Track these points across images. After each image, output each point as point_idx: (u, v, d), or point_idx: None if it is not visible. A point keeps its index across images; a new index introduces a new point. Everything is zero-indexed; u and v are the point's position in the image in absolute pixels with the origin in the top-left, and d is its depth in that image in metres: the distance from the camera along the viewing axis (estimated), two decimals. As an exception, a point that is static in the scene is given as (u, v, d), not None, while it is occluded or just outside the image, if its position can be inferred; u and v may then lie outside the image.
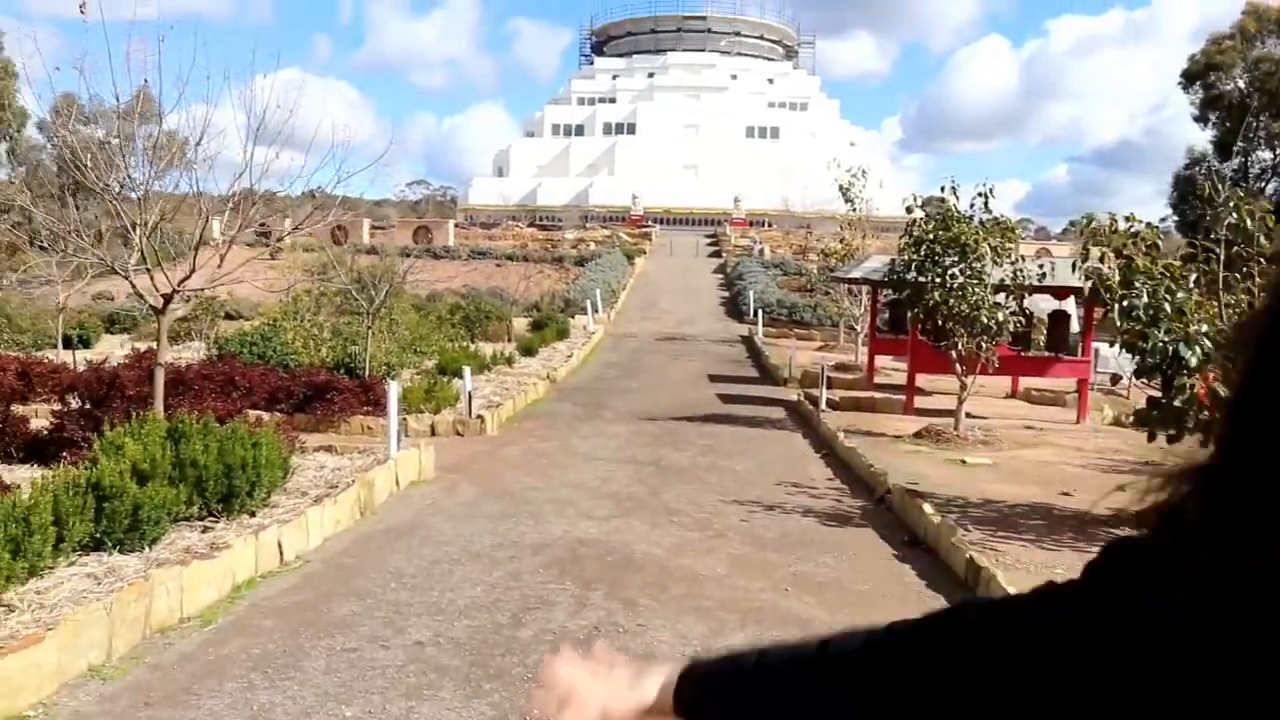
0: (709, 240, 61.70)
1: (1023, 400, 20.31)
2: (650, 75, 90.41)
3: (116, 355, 16.21)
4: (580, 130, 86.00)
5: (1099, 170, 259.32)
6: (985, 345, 14.37)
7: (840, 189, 26.34)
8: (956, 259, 14.18)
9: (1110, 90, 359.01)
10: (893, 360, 22.80)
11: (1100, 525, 9.45)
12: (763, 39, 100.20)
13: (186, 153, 10.89)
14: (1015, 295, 14.83)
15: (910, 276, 14.68)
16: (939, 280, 14.16)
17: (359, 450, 11.34)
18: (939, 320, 14.54)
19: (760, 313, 35.08)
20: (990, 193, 14.66)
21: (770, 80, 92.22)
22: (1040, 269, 14.71)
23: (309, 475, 9.88)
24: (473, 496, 10.36)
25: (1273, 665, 0.49)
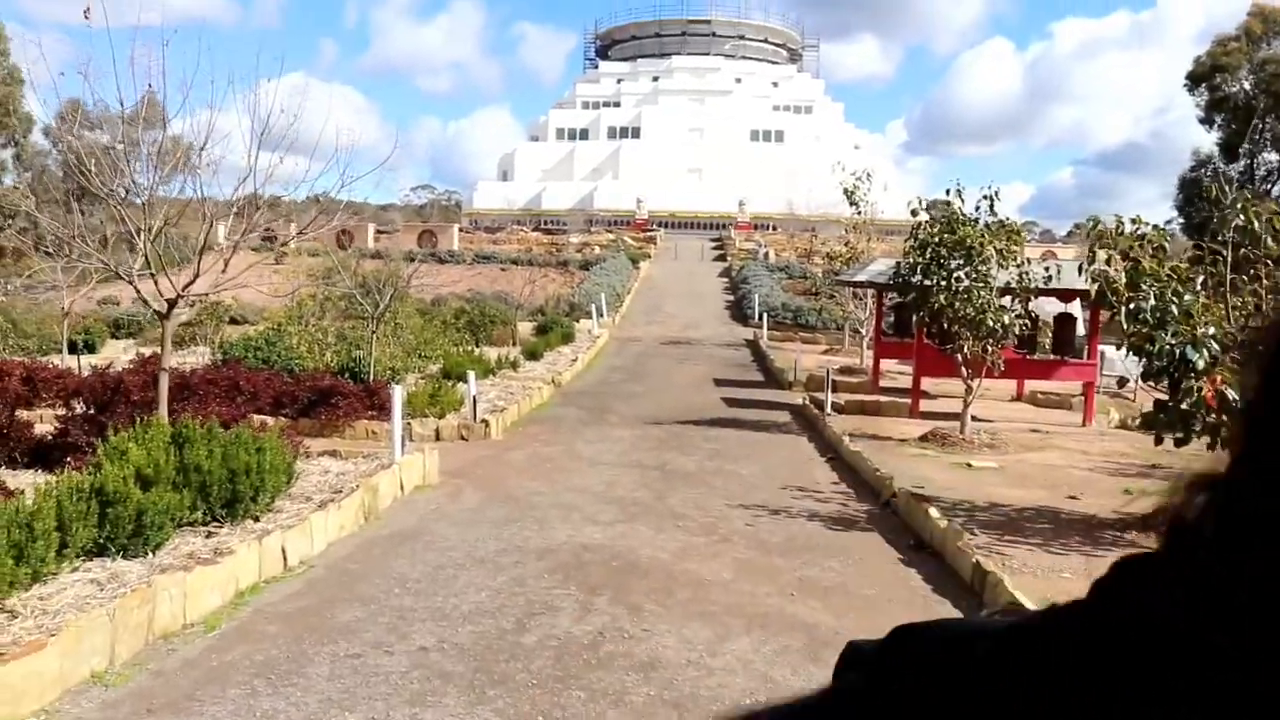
0: (714, 244, 61.66)
1: (1028, 403, 20.28)
2: (655, 79, 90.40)
3: (121, 360, 16.21)
4: (585, 134, 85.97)
5: (1104, 173, 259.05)
6: (991, 348, 14.35)
7: (845, 192, 26.28)
8: (962, 262, 14.16)
9: (1115, 93, 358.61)
10: (898, 364, 22.77)
11: (1107, 529, 9.42)
12: (767, 42, 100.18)
13: (191, 158, 10.90)
14: (1021, 298, 14.80)
15: (915, 279, 14.66)
16: (944, 283, 14.14)
17: (363, 455, 11.32)
18: (944, 323, 14.52)
19: (765, 316, 35.06)
20: (996, 195, 14.65)
21: (774, 84, 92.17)
22: (1046, 272, 14.67)
23: (313, 480, 9.86)
24: (477, 501, 10.34)
25: (1273, 665, 0.48)
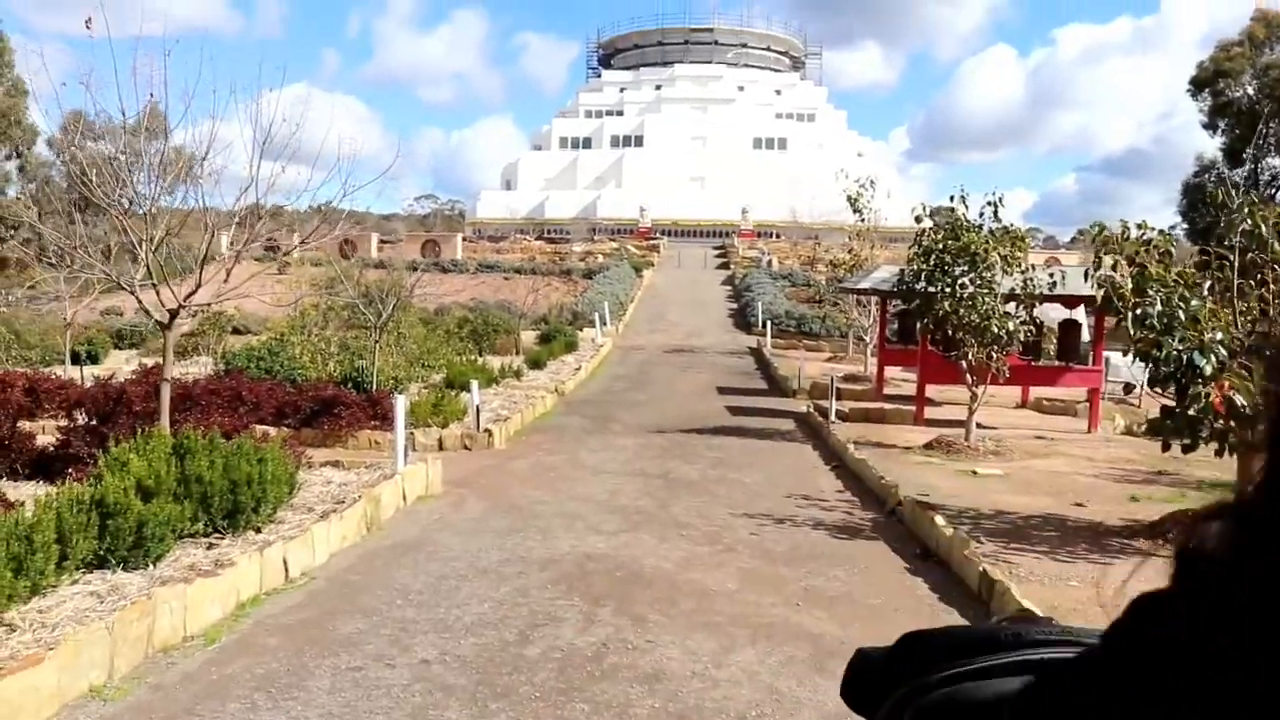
0: (717, 252, 61.70)
1: (1033, 410, 20.20)
2: (657, 87, 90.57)
3: (124, 371, 16.22)
4: (588, 143, 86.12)
5: (1107, 179, 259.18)
6: (995, 355, 14.29)
7: (848, 199, 26.26)
8: (966, 268, 14.11)
9: (1118, 98, 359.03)
10: (902, 371, 22.71)
11: (1114, 536, 9.35)
12: (769, 50, 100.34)
13: (194, 168, 10.88)
14: (1025, 304, 14.74)
15: (920, 286, 14.61)
16: (949, 290, 14.09)
17: (366, 465, 11.29)
18: (949, 330, 14.46)
19: (768, 324, 35.00)
20: (1000, 201, 14.61)
21: (777, 91, 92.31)
22: (1050, 278, 14.62)
23: (315, 491, 9.82)
24: (480, 511, 10.28)
25: (1273, 665, 0.47)
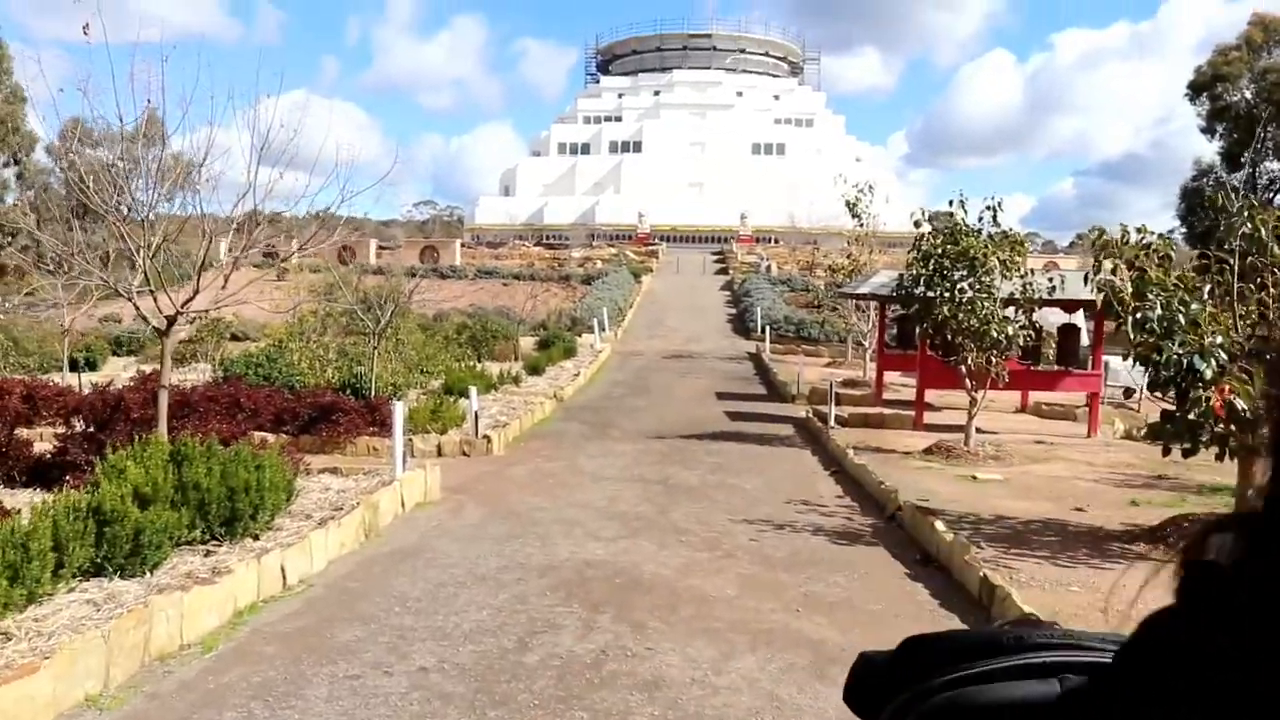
0: (715, 257, 61.67)
1: (1033, 415, 20.17)
2: (656, 93, 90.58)
3: (122, 378, 16.17)
4: (586, 149, 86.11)
5: (1105, 183, 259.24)
6: (995, 360, 14.26)
7: (847, 204, 26.24)
8: (965, 273, 14.09)
9: (1116, 103, 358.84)
10: (901, 376, 22.68)
11: (1114, 540, 9.33)
12: (768, 56, 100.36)
13: (191, 174, 10.86)
14: (1025, 309, 14.73)
15: (919, 291, 14.59)
16: (948, 295, 14.06)
17: (364, 471, 11.25)
18: (948, 335, 14.43)
19: (767, 329, 34.99)
20: (999, 206, 14.59)
21: (776, 97, 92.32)
22: (1050, 282, 14.60)
23: (313, 497, 9.78)
24: (479, 518, 10.25)
25: (1273, 665, 0.47)
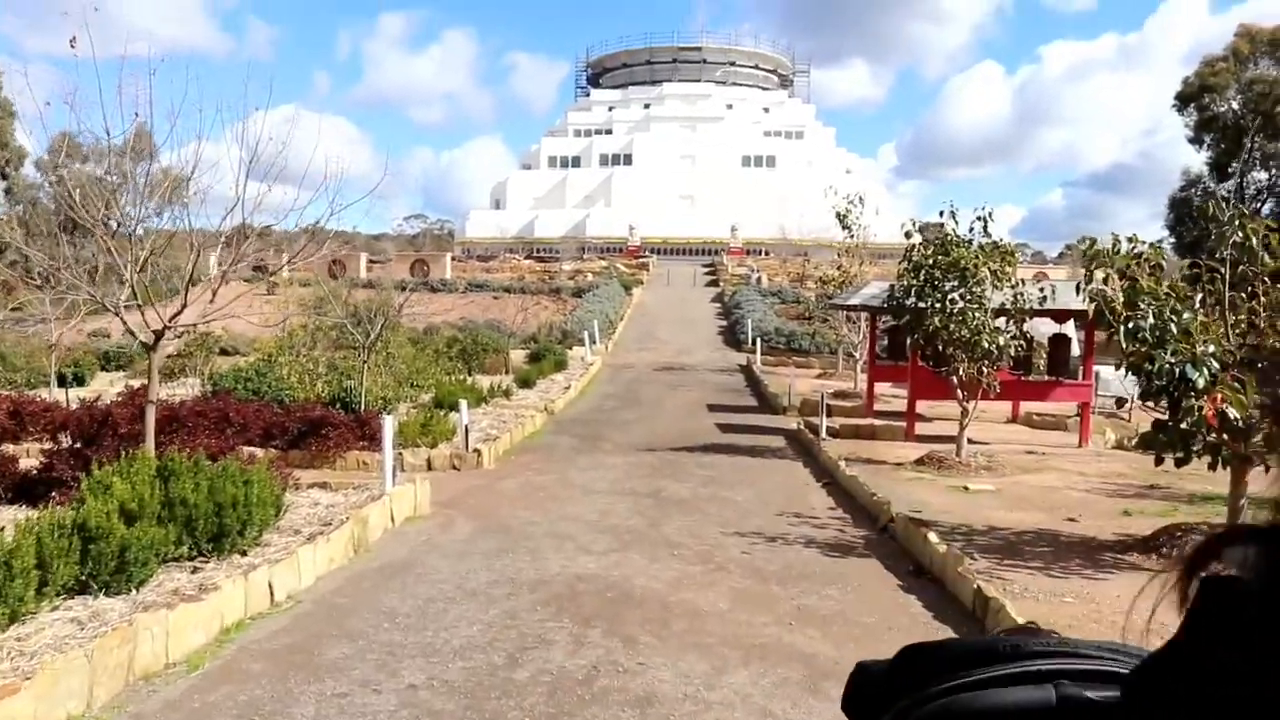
0: (706, 270, 61.72)
1: (1024, 425, 20.17)
2: (646, 106, 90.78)
3: (110, 393, 16.06)
4: (577, 162, 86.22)
5: (1093, 194, 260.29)
6: (986, 370, 14.26)
7: (837, 216, 26.30)
8: (956, 284, 14.09)
9: (1104, 114, 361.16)
10: (892, 387, 22.68)
11: (1107, 550, 9.29)
12: (758, 69, 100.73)
13: (180, 188, 10.79)
14: (1015, 319, 14.73)
15: (910, 302, 14.59)
16: (939, 305, 14.06)
17: (354, 486, 11.18)
18: (939, 345, 14.43)
19: (758, 341, 34.98)
20: (989, 216, 14.60)
21: (766, 109, 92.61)
22: (1041, 292, 14.61)
23: (302, 513, 9.71)
24: (469, 532, 10.18)
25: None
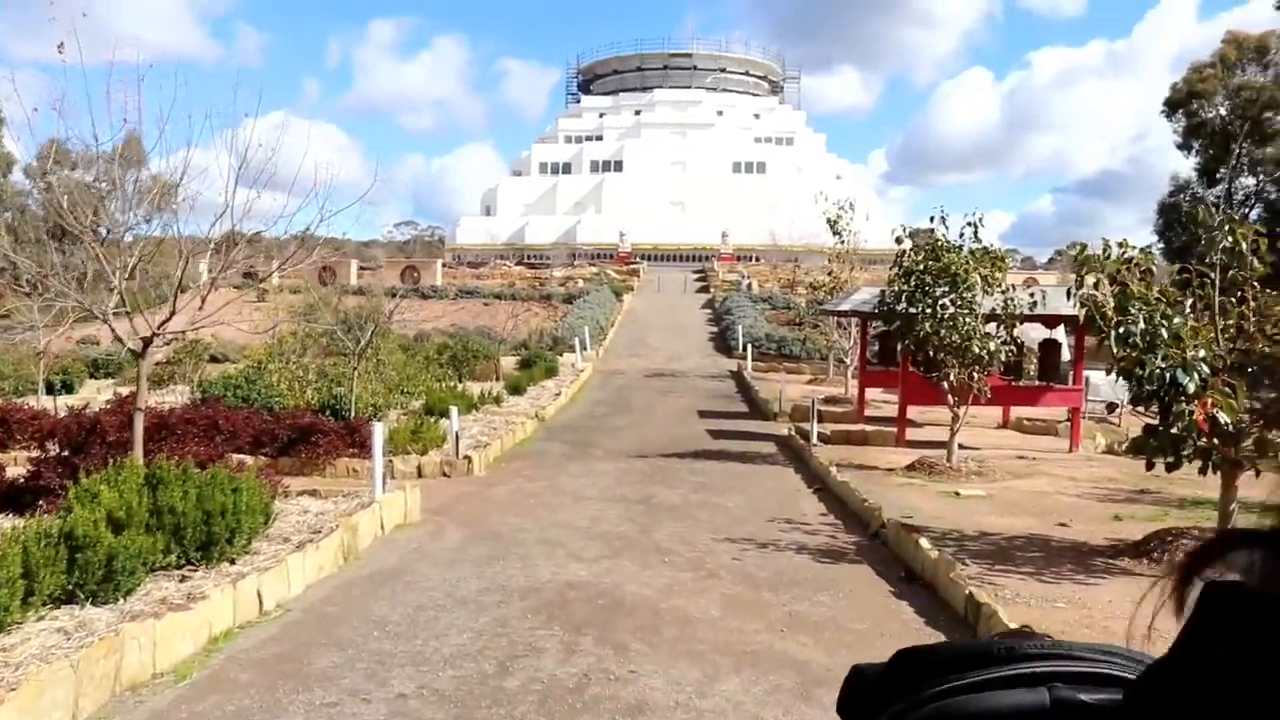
0: (697, 276, 61.74)
1: (1014, 430, 20.19)
2: (637, 113, 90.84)
3: (99, 400, 15.97)
4: (568, 168, 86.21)
5: (1083, 200, 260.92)
6: (977, 375, 14.26)
7: (828, 222, 26.27)
8: (947, 289, 14.10)
9: (1093, 121, 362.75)
10: (883, 393, 22.67)
11: (1099, 555, 9.29)
12: (748, 75, 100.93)
13: (167, 194, 10.76)
14: (1006, 324, 14.73)
15: (901, 308, 14.59)
16: (930, 311, 14.07)
17: (344, 494, 11.13)
18: (930, 351, 14.43)
19: (749, 347, 34.97)
20: (980, 222, 14.62)
21: (756, 116, 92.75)
22: (1031, 297, 14.62)
23: (292, 520, 9.66)
24: (459, 539, 10.14)
25: None
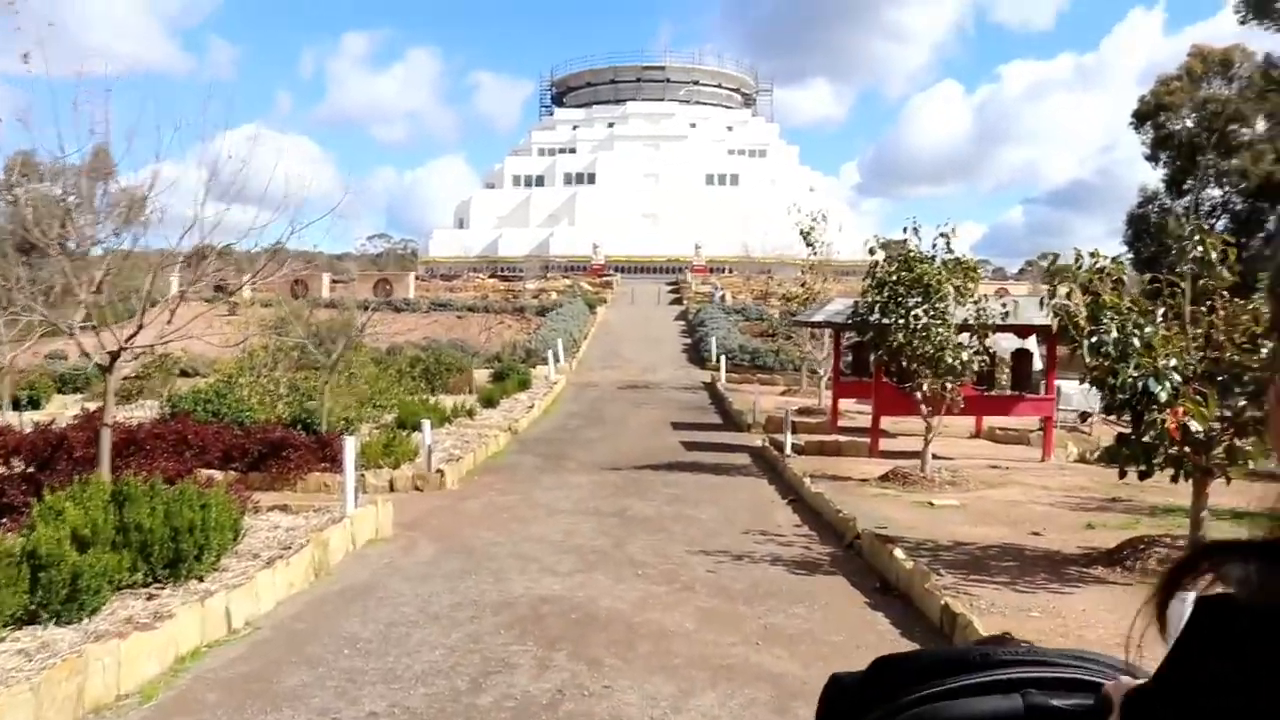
0: (670, 288, 61.82)
1: (987, 440, 20.29)
2: (610, 125, 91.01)
3: (66, 415, 15.75)
4: (540, 181, 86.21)
5: (1053, 211, 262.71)
6: (949, 385, 14.31)
7: (801, 233, 26.38)
8: (920, 300, 14.14)
9: (1062, 133, 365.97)
10: (856, 403, 22.74)
11: (1072, 564, 9.31)
12: (721, 88, 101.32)
13: (139, 208, 10.63)
14: (978, 334, 14.80)
15: (874, 318, 14.63)
16: (903, 321, 14.11)
17: (315, 509, 11.01)
18: (903, 361, 14.47)
19: (723, 359, 34.96)
20: (952, 233, 14.68)
21: (729, 128, 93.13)
22: (1003, 308, 14.70)
23: (262, 536, 9.55)
24: (432, 554, 10.04)
25: (1275, 689, 0.46)
